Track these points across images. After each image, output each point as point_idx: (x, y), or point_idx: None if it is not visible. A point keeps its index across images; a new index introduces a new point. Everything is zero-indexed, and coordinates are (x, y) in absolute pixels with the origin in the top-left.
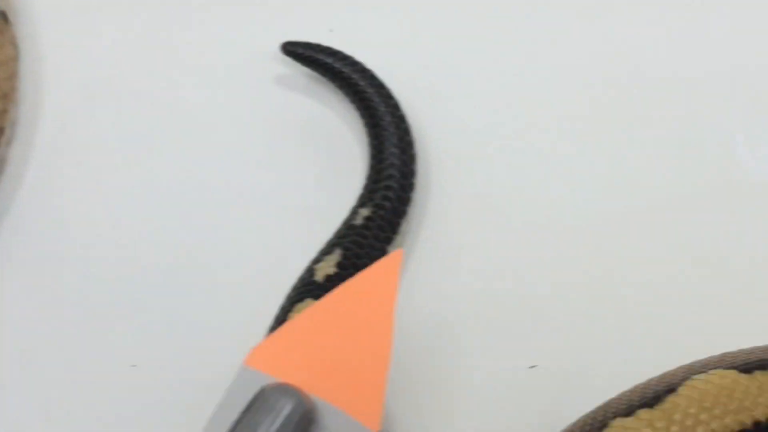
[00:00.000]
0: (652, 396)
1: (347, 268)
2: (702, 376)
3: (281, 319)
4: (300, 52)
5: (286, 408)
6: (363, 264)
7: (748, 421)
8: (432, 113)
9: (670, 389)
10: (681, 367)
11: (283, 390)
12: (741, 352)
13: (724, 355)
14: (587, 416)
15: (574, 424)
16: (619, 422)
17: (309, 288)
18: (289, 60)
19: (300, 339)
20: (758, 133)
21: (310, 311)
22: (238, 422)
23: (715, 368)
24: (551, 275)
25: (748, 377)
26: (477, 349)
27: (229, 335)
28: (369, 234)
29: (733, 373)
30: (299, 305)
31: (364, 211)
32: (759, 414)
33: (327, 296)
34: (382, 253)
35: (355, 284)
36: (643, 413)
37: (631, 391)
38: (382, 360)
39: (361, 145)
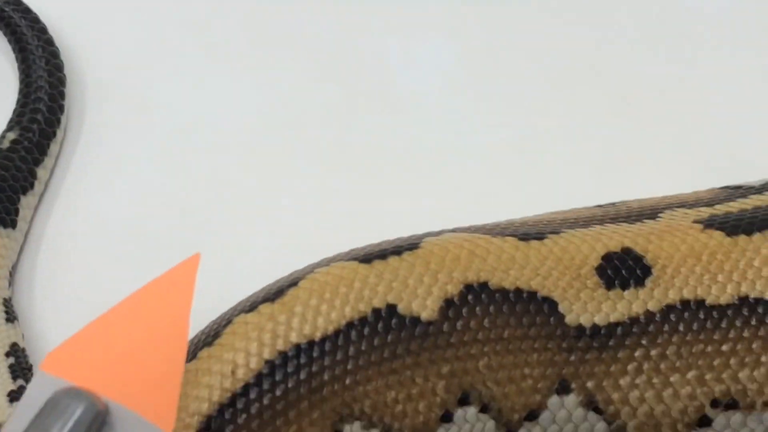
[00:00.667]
0: (276, 291)
1: None
2: (323, 268)
3: None
4: None
5: (76, 412)
6: (10, 187)
7: (366, 309)
8: (83, 36)
9: (293, 283)
10: (309, 264)
11: (74, 393)
12: (369, 245)
13: (352, 250)
14: (217, 317)
15: (205, 327)
16: (241, 318)
17: None
18: None
19: (96, 342)
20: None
21: (107, 315)
22: (29, 429)
23: (338, 260)
24: (209, 193)
25: (367, 266)
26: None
27: None
28: (16, 157)
29: (354, 263)
30: None
31: (11, 135)
32: (377, 302)
33: (123, 300)
34: (30, 175)
35: (153, 287)
36: (264, 307)
37: (260, 289)
38: (176, 363)
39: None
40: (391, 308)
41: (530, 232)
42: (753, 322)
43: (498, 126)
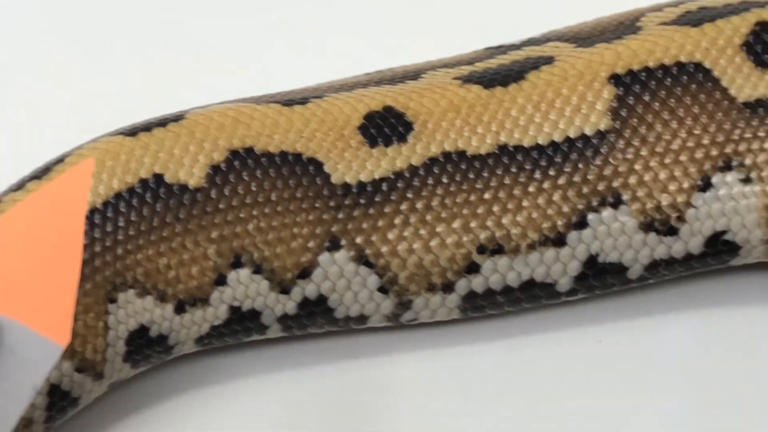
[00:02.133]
0: (43, 168)
1: None
2: (90, 144)
3: None
4: None
5: None
6: None
7: (134, 181)
8: None
9: (59, 160)
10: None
11: None
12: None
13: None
14: None
15: None
16: (9, 197)
17: None
18: None
19: None
20: None
21: None
22: None
23: (104, 136)
24: None
25: (132, 139)
26: None
27: None
28: None
29: (119, 137)
30: None
31: None
32: (144, 172)
33: (14, 207)
34: None
35: (44, 194)
36: (32, 185)
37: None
38: (71, 274)
39: None
40: (159, 178)
41: (294, 98)
42: (513, 169)
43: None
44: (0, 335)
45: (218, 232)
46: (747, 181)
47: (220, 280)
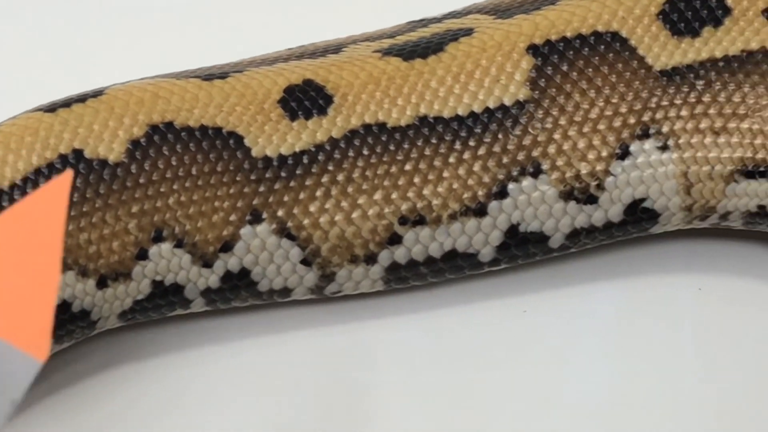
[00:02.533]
0: None
1: None
2: (9, 121)
3: None
4: None
5: None
6: None
7: (53, 156)
8: None
9: None
10: None
11: None
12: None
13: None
14: None
15: None
16: None
17: None
18: None
19: None
20: None
21: None
22: None
23: (23, 113)
24: None
25: (51, 115)
26: None
27: None
28: None
29: (38, 113)
30: None
31: None
32: (63, 148)
33: None
34: None
35: (21, 208)
36: None
37: None
38: (49, 288)
39: None
40: (78, 153)
41: (214, 73)
42: (433, 140)
43: None
44: None
45: (139, 207)
46: (665, 148)
47: (142, 255)
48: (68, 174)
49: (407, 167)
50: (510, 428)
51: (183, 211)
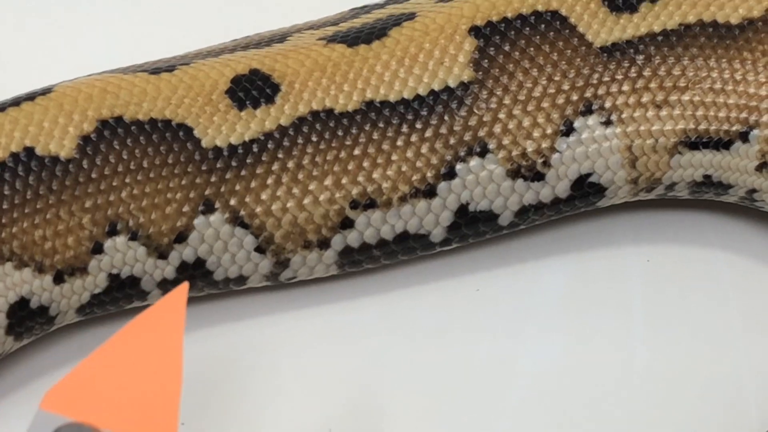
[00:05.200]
0: None
1: None
2: None
3: None
4: None
5: None
6: None
7: (5, 155)
8: None
9: None
10: None
11: (77, 428)
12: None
13: None
14: None
15: None
16: None
17: None
18: None
19: (93, 377)
20: None
21: (102, 349)
22: None
23: None
24: None
25: (1, 115)
26: None
27: None
28: None
29: None
30: None
31: None
32: (15, 146)
33: (117, 334)
34: None
35: (144, 319)
36: None
37: None
38: (173, 392)
39: None
40: (29, 151)
41: (161, 67)
42: (381, 125)
43: None
44: None
45: (92, 201)
46: (608, 123)
47: (97, 249)
48: (185, 286)
49: (356, 152)
50: (467, 402)
51: (136, 204)
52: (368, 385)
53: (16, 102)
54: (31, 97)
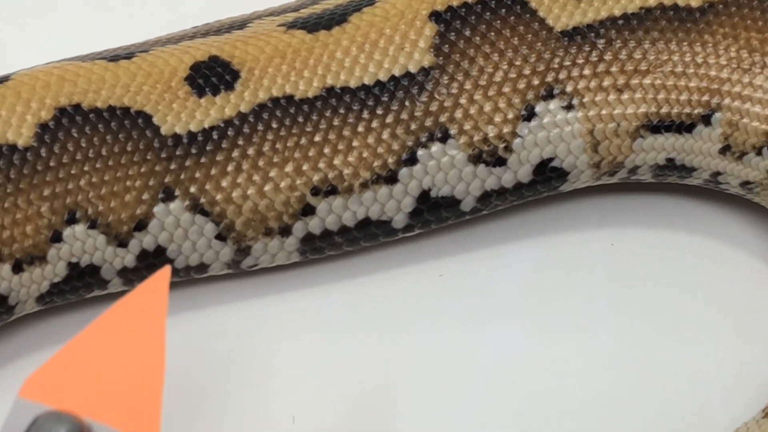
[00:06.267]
0: None
1: None
2: None
3: None
4: None
5: None
6: None
7: None
8: None
9: None
10: None
11: (56, 417)
12: None
13: None
14: None
15: None
16: None
17: None
18: None
19: (73, 365)
20: None
21: (82, 335)
22: None
23: None
24: None
25: None
26: None
27: None
28: None
29: None
30: None
31: None
32: None
33: (97, 319)
34: None
35: (124, 304)
36: None
37: None
38: (156, 378)
39: None
40: None
41: (120, 54)
42: (341, 111)
43: None
44: None
45: (50, 190)
46: (569, 107)
47: (56, 237)
48: (167, 269)
49: (317, 138)
50: (430, 388)
51: (95, 192)
52: (331, 371)
53: None
54: None
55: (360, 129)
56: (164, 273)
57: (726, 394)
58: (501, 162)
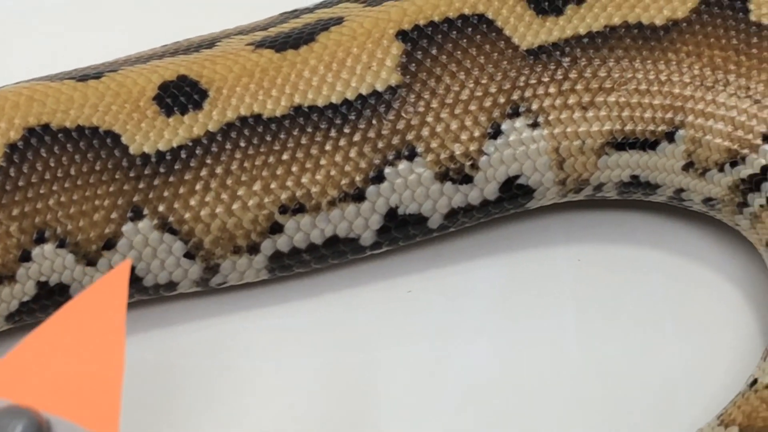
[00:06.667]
0: None
1: None
2: None
3: None
4: None
5: (17, 429)
6: None
7: None
8: None
9: None
10: None
11: (13, 412)
12: None
13: None
14: None
15: None
16: None
17: None
18: None
19: (32, 359)
20: None
21: (41, 330)
22: None
23: None
24: None
25: None
26: None
27: None
28: None
29: None
30: None
31: None
32: None
33: (56, 313)
34: None
35: (84, 297)
36: None
37: None
38: (115, 371)
39: None
40: None
41: (89, 74)
42: (309, 129)
43: None
44: None
45: (19, 209)
46: (535, 125)
47: (25, 257)
48: (127, 263)
49: (285, 157)
50: (399, 405)
51: (64, 212)
52: (301, 388)
53: None
54: None
55: (327, 147)
56: (124, 267)
57: (692, 408)
58: (468, 179)
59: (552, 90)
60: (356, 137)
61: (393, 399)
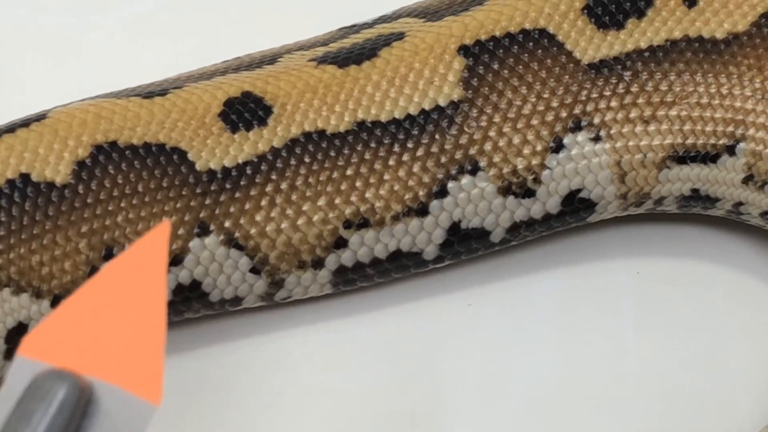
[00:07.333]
0: None
1: None
2: None
3: None
4: None
5: (59, 393)
6: None
7: (1, 182)
8: None
9: None
10: None
11: (56, 375)
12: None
13: None
14: None
15: None
16: None
17: None
18: None
19: (73, 322)
20: None
21: (81, 292)
22: (12, 414)
23: None
24: None
25: None
26: None
27: None
28: None
29: None
30: None
31: None
32: (11, 173)
33: (97, 275)
34: None
35: (124, 259)
36: None
37: None
38: (157, 334)
39: None
40: (25, 177)
41: (154, 91)
42: (372, 144)
43: None
44: (95, 397)
45: (88, 226)
46: (597, 139)
47: (93, 273)
48: (166, 224)
49: (349, 172)
50: (461, 417)
51: (132, 228)
52: (363, 401)
53: (11, 128)
54: (25, 123)
55: (391, 162)
56: (164, 227)
57: (748, 416)
58: (530, 193)
59: (614, 104)
60: (419, 152)
61: (454, 412)
